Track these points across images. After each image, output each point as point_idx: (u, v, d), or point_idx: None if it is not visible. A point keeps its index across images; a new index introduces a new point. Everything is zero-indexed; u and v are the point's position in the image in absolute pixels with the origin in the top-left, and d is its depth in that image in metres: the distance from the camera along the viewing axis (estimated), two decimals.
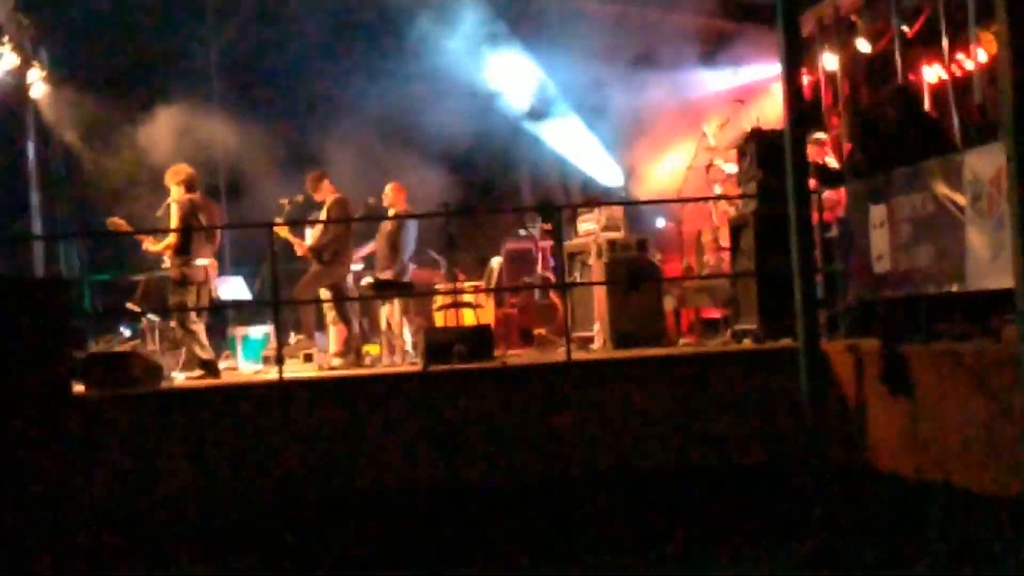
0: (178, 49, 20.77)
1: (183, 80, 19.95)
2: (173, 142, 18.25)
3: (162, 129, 18.44)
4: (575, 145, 21.41)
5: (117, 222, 14.39)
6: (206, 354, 13.74)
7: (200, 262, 13.88)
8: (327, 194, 15.20)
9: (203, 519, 11.04)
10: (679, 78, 19.26)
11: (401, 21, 19.89)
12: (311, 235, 15.19)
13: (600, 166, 21.14)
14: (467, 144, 20.16)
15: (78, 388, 11.68)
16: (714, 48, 19.60)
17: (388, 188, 15.83)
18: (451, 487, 11.35)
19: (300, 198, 15.64)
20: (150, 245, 14.29)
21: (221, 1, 21.57)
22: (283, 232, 14.97)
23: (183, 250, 13.77)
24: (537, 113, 21.22)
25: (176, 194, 13.98)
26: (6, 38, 16.36)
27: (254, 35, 20.64)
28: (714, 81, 19.79)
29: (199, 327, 13.86)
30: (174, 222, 13.86)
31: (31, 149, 18.65)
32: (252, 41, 20.70)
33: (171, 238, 13.86)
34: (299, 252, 15.20)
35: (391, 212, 15.64)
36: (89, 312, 18.75)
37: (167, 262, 14.35)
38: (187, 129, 18.45)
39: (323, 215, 15.10)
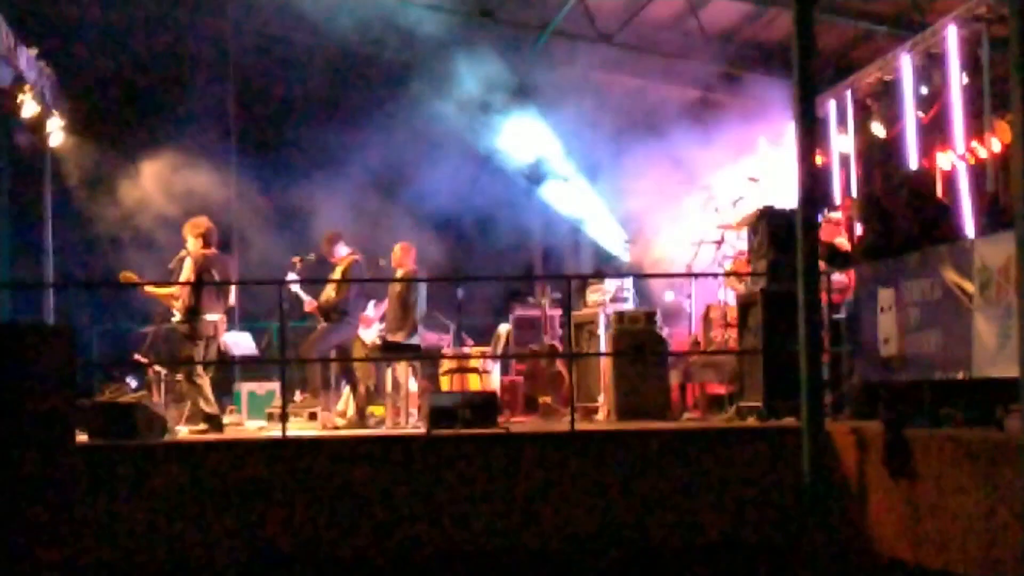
0: (192, 104, 20.91)
1: (196, 135, 20.09)
2: (182, 194, 18.41)
3: (174, 181, 18.59)
4: (586, 213, 21.53)
5: (129, 276, 14.46)
6: (211, 408, 13.77)
7: (210, 317, 13.93)
8: (341, 255, 15.29)
9: (201, 573, 11.02)
10: (692, 152, 19.36)
11: (411, 84, 20.04)
12: (323, 294, 15.26)
13: (609, 235, 21.23)
14: (478, 208, 20.28)
15: (82, 437, 11.70)
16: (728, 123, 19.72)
17: (397, 248, 15.90)
18: (448, 552, 11.32)
19: (312, 256, 15.72)
20: (159, 291, 14.37)
21: (235, 59, 21.74)
22: (294, 289, 15.07)
23: (194, 305, 13.83)
24: (536, 176, 21.33)
25: (193, 246, 14.08)
26: (27, 87, 16.48)
27: (267, 94, 20.79)
28: (727, 156, 19.90)
29: (205, 381, 13.90)
30: (186, 274, 13.93)
31: (47, 196, 18.75)
32: (265, 99, 20.84)
33: (174, 289, 13.97)
34: (307, 309, 15.26)
35: (399, 273, 15.70)
36: (96, 361, 18.80)
37: (176, 315, 14.42)
38: (197, 182, 18.60)
39: (337, 274, 15.17)
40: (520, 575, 11.51)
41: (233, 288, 14.82)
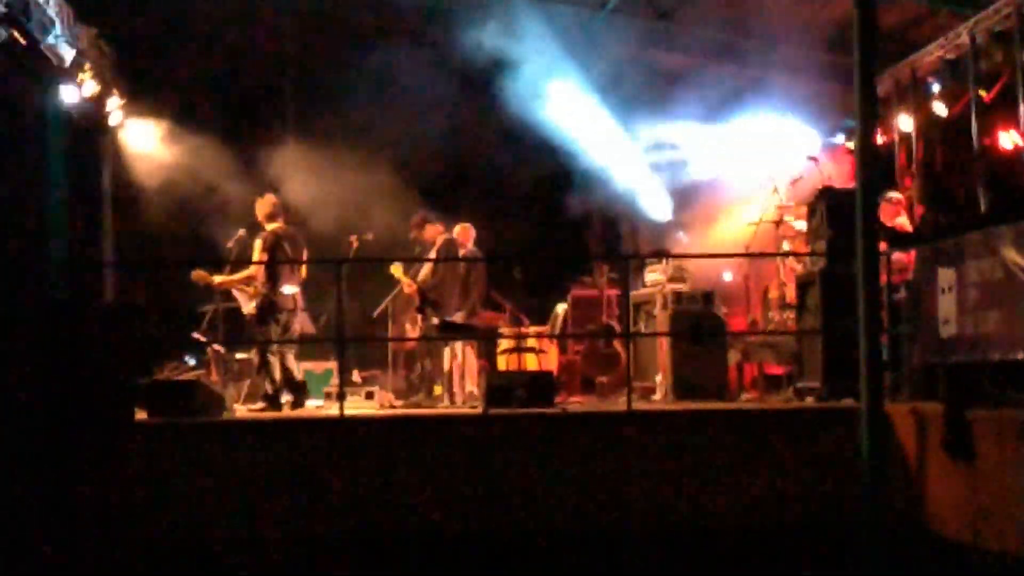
0: (252, 82, 20.95)
1: (255, 113, 20.15)
2: (242, 175, 18.48)
3: (233, 161, 18.67)
4: (643, 192, 21.46)
5: (201, 274, 14.63)
6: (271, 387, 13.85)
7: (288, 290, 14.02)
8: (435, 235, 15.39)
9: (258, 551, 11.09)
10: (751, 131, 19.26)
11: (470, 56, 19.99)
12: (419, 276, 15.39)
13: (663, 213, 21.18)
14: (539, 188, 20.25)
15: (140, 415, 11.80)
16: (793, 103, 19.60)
17: (457, 228, 15.91)
18: (504, 532, 11.34)
19: (370, 236, 15.75)
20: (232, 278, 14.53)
21: (298, 43, 21.73)
22: (396, 271, 15.25)
23: (269, 279, 14.06)
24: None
25: (267, 227, 14.20)
26: (87, 65, 16.56)
27: (330, 74, 20.76)
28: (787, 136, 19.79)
29: (276, 360, 13.97)
30: (256, 255, 14.05)
31: (106, 176, 18.85)
32: (327, 80, 20.82)
33: (250, 270, 14.23)
34: (407, 291, 15.36)
35: (460, 253, 15.72)
36: (155, 340, 18.90)
37: (236, 294, 14.53)
38: (256, 162, 18.67)
39: (432, 255, 15.25)
40: (578, 554, 11.50)
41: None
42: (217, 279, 14.72)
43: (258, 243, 14.29)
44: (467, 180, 20.84)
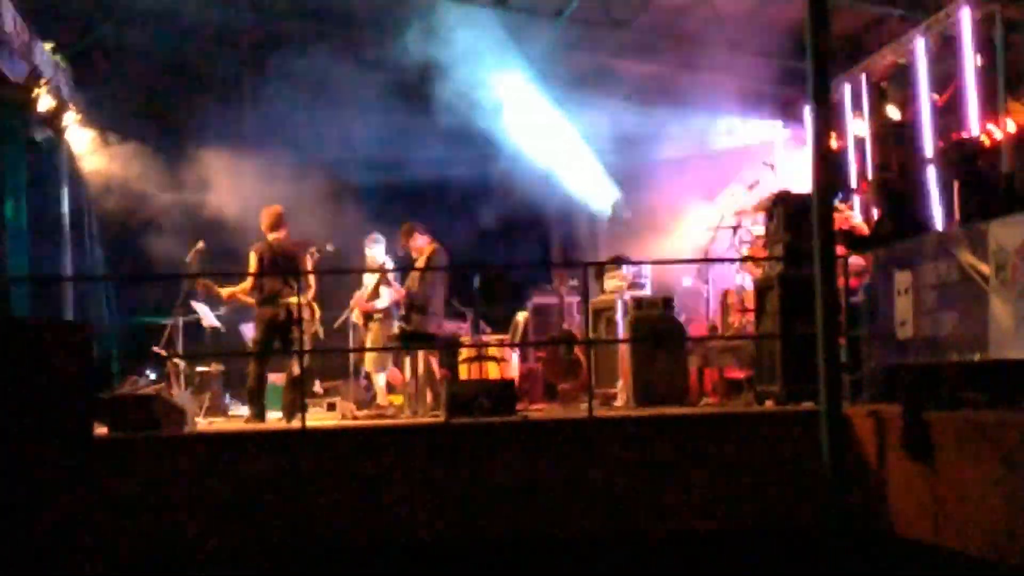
0: (210, 95, 20.89)
1: (215, 126, 20.11)
2: (204, 186, 18.47)
3: (195, 173, 18.65)
4: (601, 197, 21.57)
5: (208, 285, 14.98)
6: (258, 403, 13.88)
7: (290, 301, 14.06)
8: (423, 243, 15.40)
9: (219, 564, 11.07)
10: (711, 138, 19.36)
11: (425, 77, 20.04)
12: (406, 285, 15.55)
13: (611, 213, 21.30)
14: (495, 196, 20.28)
15: (101, 430, 11.76)
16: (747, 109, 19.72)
17: (418, 240, 15.90)
18: (468, 540, 11.35)
19: (331, 248, 15.73)
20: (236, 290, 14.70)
21: (255, 53, 21.69)
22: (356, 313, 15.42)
23: (255, 291, 14.41)
24: None
25: (268, 237, 14.59)
26: (43, 80, 16.52)
27: (287, 86, 20.75)
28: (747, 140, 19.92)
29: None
30: (252, 266, 14.38)
31: (65, 192, 18.79)
32: (284, 92, 20.79)
33: (245, 283, 14.62)
34: (393, 299, 15.37)
35: (420, 263, 15.72)
36: (115, 355, 18.85)
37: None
38: (217, 174, 18.65)
39: (421, 264, 15.27)
40: (542, 560, 11.53)
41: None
42: (224, 291, 14.80)
43: (252, 254, 14.37)
44: (404, 187, 20.90)
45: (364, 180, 20.60)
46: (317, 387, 16.85)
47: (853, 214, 15.64)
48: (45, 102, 16.86)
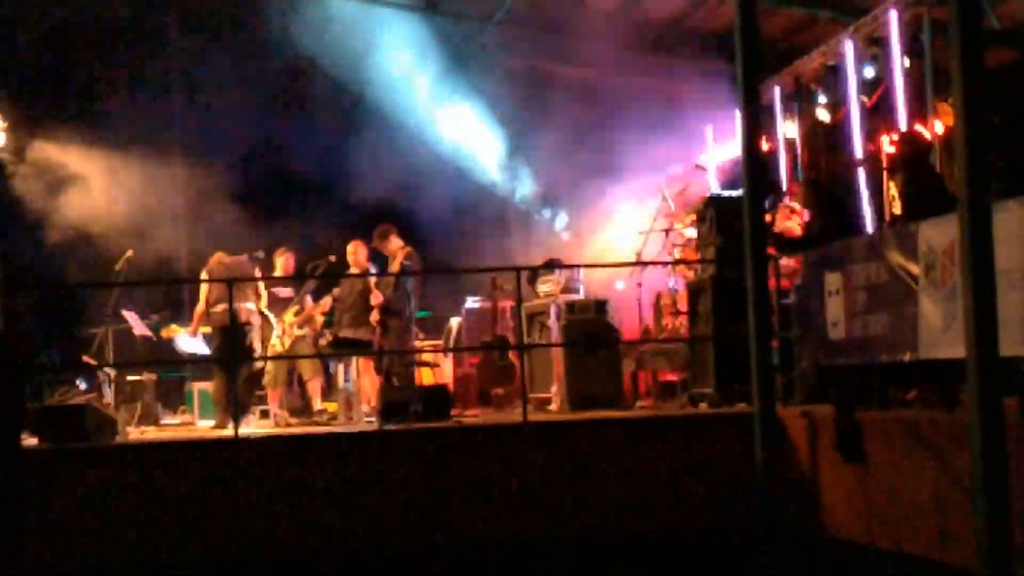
0: (137, 96, 20.76)
1: (144, 129, 19.99)
2: (131, 192, 18.38)
3: (121, 179, 18.53)
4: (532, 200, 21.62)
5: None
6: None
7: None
8: (396, 246, 15.34)
9: (151, 574, 10.96)
10: (640, 142, 19.40)
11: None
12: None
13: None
14: (428, 200, 20.23)
15: (31, 441, 11.62)
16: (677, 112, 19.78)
17: (351, 246, 15.82)
18: (403, 546, 11.30)
19: (261, 254, 15.67)
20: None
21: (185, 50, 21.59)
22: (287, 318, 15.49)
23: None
24: None
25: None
26: None
27: (215, 84, 20.65)
28: (675, 145, 19.97)
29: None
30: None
31: None
32: (215, 93, 20.70)
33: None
34: (373, 302, 15.24)
35: (354, 270, 15.64)
36: (44, 365, 18.66)
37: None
38: (145, 180, 18.57)
39: (394, 267, 15.21)
40: (477, 566, 11.50)
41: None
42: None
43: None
44: (292, 187, 20.92)
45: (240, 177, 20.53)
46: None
47: (800, 213, 15.71)
48: None
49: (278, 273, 15.78)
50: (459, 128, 20.75)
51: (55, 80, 20.56)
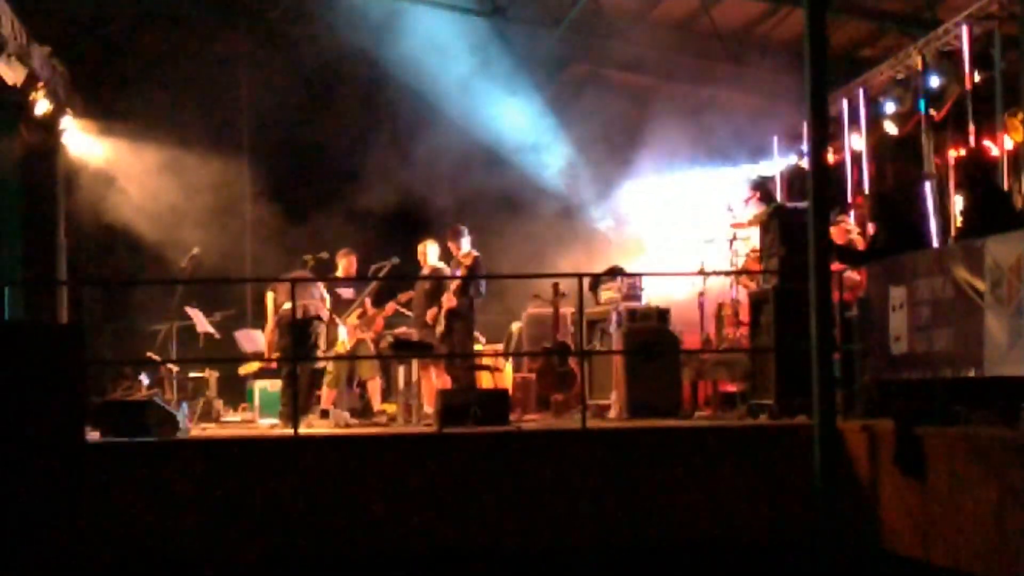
0: (209, 101, 20.90)
1: (213, 132, 20.14)
2: (196, 190, 18.56)
3: (187, 177, 18.71)
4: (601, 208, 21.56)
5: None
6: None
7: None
8: (466, 249, 15.47)
9: (210, 571, 11.03)
10: (706, 150, 19.37)
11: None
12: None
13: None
14: (493, 204, 20.26)
15: (92, 435, 11.72)
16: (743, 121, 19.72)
17: (421, 246, 15.93)
18: (460, 550, 11.32)
19: (325, 255, 15.75)
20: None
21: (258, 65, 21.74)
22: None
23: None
24: None
25: None
26: (40, 84, 16.50)
27: (286, 96, 20.82)
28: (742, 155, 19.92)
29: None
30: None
31: (61, 195, 18.77)
32: (283, 102, 20.86)
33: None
34: (447, 306, 15.34)
35: (425, 271, 15.73)
36: (108, 359, 18.84)
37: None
38: (213, 181, 18.73)
39: (462, 271, 15.40)
40: (533, 572, 11.51)
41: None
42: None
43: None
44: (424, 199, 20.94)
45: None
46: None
47: (852, 228, 15.62)
48: (43, 105, 16.83)
49: (340, 274, 15.81)
50: (522, 132, 20.72)
51: (119, 73, 20.72)
